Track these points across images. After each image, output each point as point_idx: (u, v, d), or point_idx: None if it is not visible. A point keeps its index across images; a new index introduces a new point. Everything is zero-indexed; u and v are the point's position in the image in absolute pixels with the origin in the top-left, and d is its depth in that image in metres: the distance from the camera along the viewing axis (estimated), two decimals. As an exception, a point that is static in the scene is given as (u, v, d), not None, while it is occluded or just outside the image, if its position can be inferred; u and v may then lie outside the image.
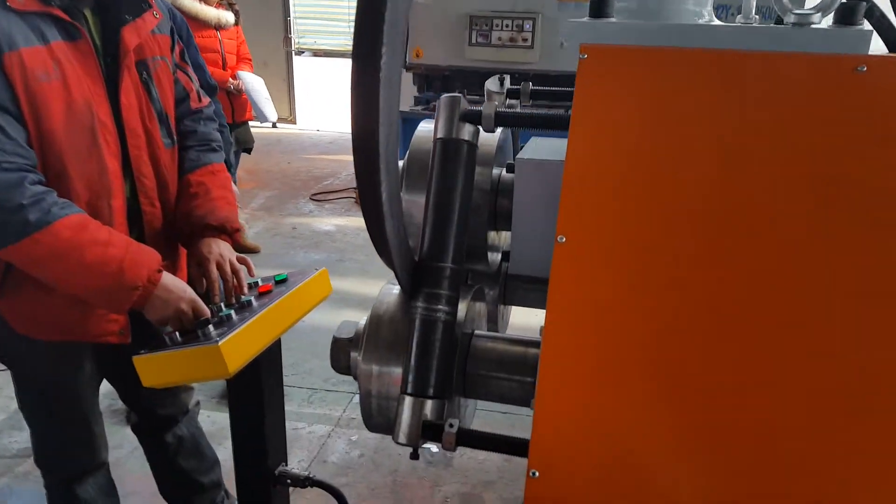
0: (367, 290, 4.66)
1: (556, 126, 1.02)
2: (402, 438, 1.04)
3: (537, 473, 0.85)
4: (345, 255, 5.42)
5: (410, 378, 1.06)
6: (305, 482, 1.76)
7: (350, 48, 0.81)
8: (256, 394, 1.66)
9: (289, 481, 1.76)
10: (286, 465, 1.82)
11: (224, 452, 2.94)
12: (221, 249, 1.70)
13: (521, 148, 1.29)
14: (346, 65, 0.80)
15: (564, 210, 0.93)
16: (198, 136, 1.83)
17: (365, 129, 0.82)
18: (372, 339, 1.12)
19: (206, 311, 1.55)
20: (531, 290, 1.51)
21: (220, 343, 1.35)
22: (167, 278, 1.54)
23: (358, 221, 6.27)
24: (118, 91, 1.58)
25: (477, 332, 1.24)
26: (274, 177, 7.98)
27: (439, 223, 1.09)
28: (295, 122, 11.05)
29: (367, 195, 0.93)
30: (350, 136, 0.86)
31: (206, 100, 1.92)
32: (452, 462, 2.84)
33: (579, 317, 0.90)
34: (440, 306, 1.08)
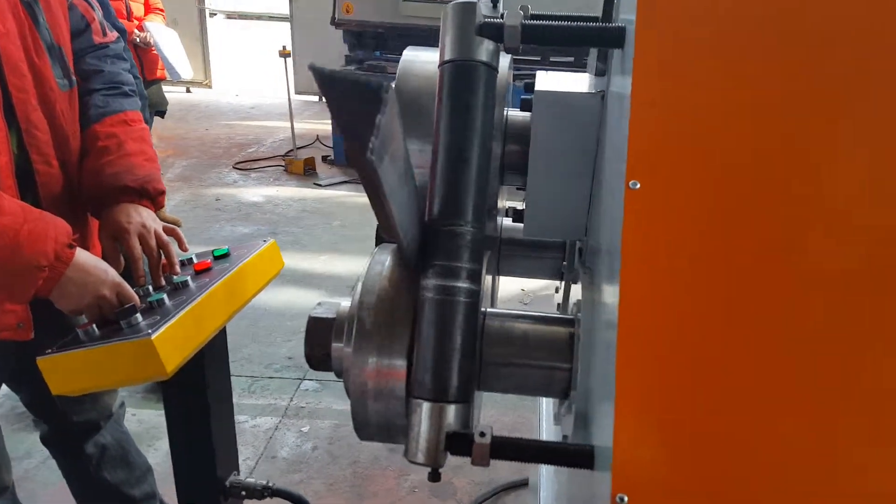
0: (304, 265, 4.33)
1: (606, 42, 0.78)
2: (421, 457, 0.78)
3: (626, 499, 0.63)
4: (277, 227, 5.03)
5: (426, 378, 0.80)
6: (264, 492, 1.50)
7: (267, 12, 0.57)
8: (200, 395, 1.36)
9: (243, 493, 1.49)
10: (238, 473, 1.54)
11: (156, 455, 2.60)
12: (143, 218, 1.37)
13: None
14: (264, 27, 0.56)
15: (635, 148, 0.70)
16: (104, 77, 1.46)
17: None
18: (366, 325, 0.85)
19: (135, 297, 1.24)
20: (535, 258, 1.28)
21: (153, 336, 1.09)
22: (82, 256, 1.20)
23: (289, 192, 5.86)
24: None
25: (489, 310, 0.99)
26: (191, 144, 7.36)
27: (454, 172, 0.83)
28: (211, 87, 10.29)
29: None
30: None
31: (112, 34, 1.55)
32: (415, 447, 2.61)
33: (665, 284, 0.67)
34: (459, 283, 0.82)
